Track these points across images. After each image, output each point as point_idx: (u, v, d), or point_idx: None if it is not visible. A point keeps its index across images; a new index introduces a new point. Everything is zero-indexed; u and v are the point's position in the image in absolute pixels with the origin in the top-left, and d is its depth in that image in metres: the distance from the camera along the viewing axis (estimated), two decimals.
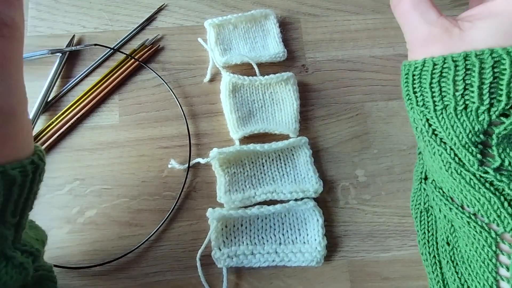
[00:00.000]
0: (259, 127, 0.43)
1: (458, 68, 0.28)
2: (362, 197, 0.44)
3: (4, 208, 0.23)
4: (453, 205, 0.32)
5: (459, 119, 0.29)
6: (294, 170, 0.43)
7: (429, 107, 0.30)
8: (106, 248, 0.40)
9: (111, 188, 0.42)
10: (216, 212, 0.40)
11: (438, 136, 0.31)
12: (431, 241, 0.37)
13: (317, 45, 0.49)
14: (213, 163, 0.43)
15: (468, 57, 0.28)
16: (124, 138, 0.44)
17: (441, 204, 0.33)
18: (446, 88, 0.29)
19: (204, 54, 0.47)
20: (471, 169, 0.29)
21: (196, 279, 0.39)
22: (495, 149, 0.29)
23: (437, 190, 0.33)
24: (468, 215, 0.31)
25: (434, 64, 0.29)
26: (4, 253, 0.25)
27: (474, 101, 0.28)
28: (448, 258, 0.35)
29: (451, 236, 0.35)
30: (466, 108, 0.29)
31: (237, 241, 0.40)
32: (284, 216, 0.41)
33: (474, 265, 0.31)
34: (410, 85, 0.31)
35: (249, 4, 0.50)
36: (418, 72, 0.30)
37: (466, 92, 0.28)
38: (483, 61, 0.27)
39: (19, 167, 0.24)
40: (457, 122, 0.29)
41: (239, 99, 0.45)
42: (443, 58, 0.28)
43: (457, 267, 0.34)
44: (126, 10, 0.49)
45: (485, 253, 0.30)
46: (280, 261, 0.39)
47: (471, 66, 0.28)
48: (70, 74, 0.46)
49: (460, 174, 0.30)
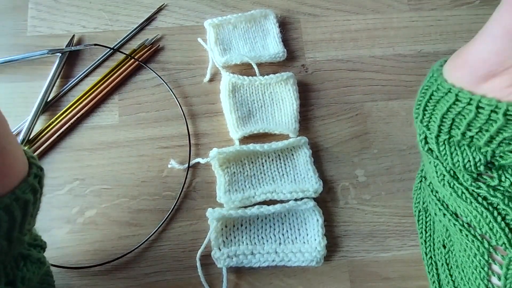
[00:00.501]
0: (259, 127, 0.43)
1: (481, 116, 0.26)
2: (362, 197, 0.44)
3: (23, 223, 0.24)
4: (447, 212, 0.32)
5: (461, 150, 0.28)
6: (294, 170, 0.43)
7: (432, 132, 0.29)
8: (106, 248, 0.40)
9: (111, 188, 0.42)
10: (216, 212, 0.40)
11: (435, 153, 0.30)
12: (428, 242, 0.37)
13: (317, 45, 0.49)
14: (213, 163, 0.43)
15: (498, 109, 0.25)
16: (124, 138, 0.44)
17: (436, 209, 0.33)
18: (458, 125, 0.27)
19: (204, 54, 0.47)
20: (464, 184, 0.29)
21: (196, 279, 0.39)
22: (495, 172, 0.28)
23: (433, 194, 0.33)
24: (461, 223, 0.31)
25: (457, 100, 0.26)
26: (21, 253, 0.26)
27: (481, 144, 0.27)
28: (443, 260, 0.35)
29: (447, 240, 0.35)
30: (470, 144, 0.28)
31: (237, 241, 0.40)
32: (284, 216, 0.41)
33: (467, 270, 0.31)
34: (424, 101, 0.29)
35: (249, 4, 0.50)
36: (439, 94, 0.28)
37: (477, 136, 0.27)
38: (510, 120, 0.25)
39: (28, 187, 0.24)
40: (457, 150, 0.28)
41: (239, 99, 0.45)
42: (469, 98, 0.26)
43: (451, 270, 0.34)
44: (126, 10, 0.49)
45: (477, 261, 0.30)
46: (280, 261, 0.39)
47: (496, 120, 0.25)
48: (70, 74, 0.46)
49: (452, 187, 0.30)
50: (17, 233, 0.24)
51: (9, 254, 0.25)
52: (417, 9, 0.51)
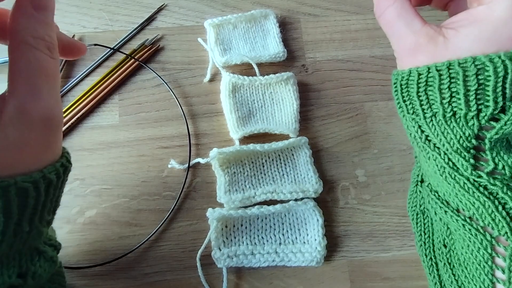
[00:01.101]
0: (259, 127, 0.43)
1: (443, 77, 0.28)
2: (362, 197, 0.44)
3: (43, 208, 0.26)
4: (448, 209, 0.32)
5: (448, 125, 0.29)
6: (294, 170, 0.43)
7: (419, 115, 0.31)
8: (106, 248, 0.40)
9: (111, 188, 0.42)
10: (216, 212, 0.40)
11: (432, 142, 0.31)
12: (427, 243, 0.37)
13: (317, 45, 0.49)
14: (213, 163, 0.43)
15: (452, 66, 0.28)
16: (124, 138, 0.44)
17: (437, 208, 0.33)
18: (433, 97, 0.29)
19: (204, 54, 0.47)
20: (465, 173, 0.29)
21: (196, 279, 0.39)
22: (489, 153, 0.29)
23: (432, 193, 0.34)
24: (463, 218, 0.31)
25: (419, 74, 0.29)
26: (37, 248, 0.27)
27: (461, 108, 0.28)
28: (445, 260, 0.35)
29: (448, 239, 0.35)
30: (455, 114, 0.29)
31: (237, 241, 0.40)
32: (284, 216, 0.41)
33: (471, 267, 0.31)
34: (399, 94, 0.32)
35: (249, 4, 0.50)
36: (405, 81, 0.31)
37: (453, 100, 0.29)
38: (466, 69, 0.27)
39: (54, 170, 0.26)
40: (447, 129, 0.30)
41: (239, 99, 0.45)
42: (427, 68, 0.29)
43: (454, 269, 0.34)
44: (126, 10, 0.49)
45: (481, 255, 0.30)
46: (280, 261, 0.39)
47: (455, 75, 0.28)
48: (70, 74, 0.46)
49: (454, 179, 0.30)
50: (37, 219, 0.26)
51: (26, 243, 0.26)
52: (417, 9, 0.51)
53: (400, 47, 0.31)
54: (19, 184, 0.23)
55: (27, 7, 0.25)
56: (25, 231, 0.25)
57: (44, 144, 0.25)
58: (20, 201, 0.24)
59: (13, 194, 0.23)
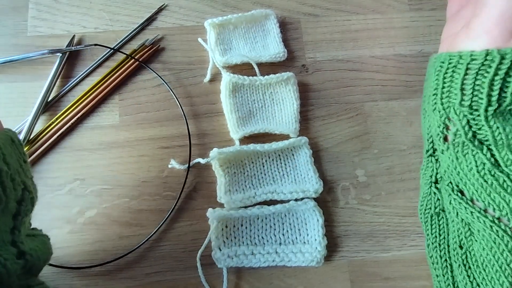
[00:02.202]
0: (259, 127, 0.43)
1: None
2: (362, 197, 0.44)
3: None
4: (474, 209, 0.31)
5: (507, 119, 0.28)
6: (294, 170, 0.43)
7: (476, 108, 0.28)
8: (106, 248, 0.40)
9: (112, 188, 0.42)
10: (216, 212, 0.40)
11: (477, 138, 0.30)
12: (442, 245, 0.37)
13: (317, 45, 0.49)
14: (213, 163, 0.43)
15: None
16: (124, 138, 0.44)
17: (460, 208, 0.33)
18: (504, 87, 0.27)
19: (204, 54, 0.47)
20: (505, 170, 0.29)
21: (196, 279, 0.39)
22: None
23: (455, 193, 0.33)
24: (491, 218, 0.30)
25: (502, 57, 0.27)
26: (15, 241, 0.27)
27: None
28: (460, 261, 0.34)
29: (466, 240, 0.34)
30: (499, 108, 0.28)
31: (237, 241, 0.40)
32: (284, 216, 0.41)
33: (489, 269, 0.31)
34: (458, 80, 0.29)
35: (249, 4, 0.50)
36: (476, 65, 0.28)
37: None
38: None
39: None
40: (504, 122, 0.28)
41: (239, 99, 0.45)
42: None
43: (469, 270, 0.34)
44: (126, 10, 0.49)
45: (504, 258, 0.30)
46: (280, 261, 0.39)
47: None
48: (70, 74, 0.46)
49: (493, 176, 0.29)
50: None
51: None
52: (417, 9, 0.51)
53: (480, 24, 0.28)
54: None
55: None
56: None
57: None
58: None
59: None
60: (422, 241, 0.42)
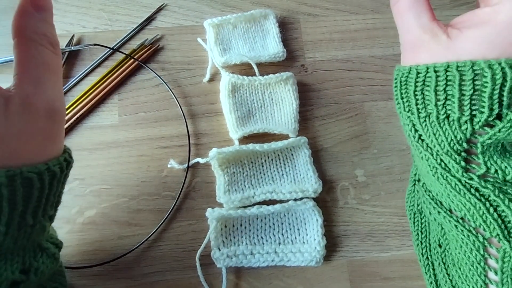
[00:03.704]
0: (258, 127, 0.43)
1: (439, 78, 0.28)
2: (361, 197, 0.44)
3: (47, 201, 0.26)
4: (441, 209, 0.32)
5: (441, 127, 0.29)
6: (294, 170, 0.43)
7: (414, 114, 0.31)
8: (106, 248, 0.40)
9: (111, 188, 0.42)
10: (215, 212, 0.40)
11: (424, 142, 0.31)
12: (424, 243, 0.37)
13: (317, 45, 0.49)
14: (212, 163, 0.43)
15: (450, 68, 0.27)
16: (124, 138, 0.44)
17: (431, 208, 0.33)
18: (429, 97, 0.29)
19: (204, 54, 0.47)
20: (457, 175, 0.29)
21: (195, 279, 0.39)
22: (481, 157, 0.29)
23: (427, 193, 0.34)
24: (456, 219, 0.31)
25: (417, 72, 0.29)
26: (40, 244, 0.28)
27: (455, 112, 0.28)
28: (439, 260, 0.35)
29: (442, 239, 0.35)
30: (448, 117, 0.29)
31: (236, 241, 0.40)
32: (284, 216, 0.41)
33: (464, 268, 0.31)
34: (398, 90, 0.32)
35: (248, 4, 0.50)
36: (404, 78, 0.31)
37: (447, 103, 0.28)
38: (463, 73, 0.27)
39: (58, 163, 0.27)
40: (439, 130, 0.29)
41: (238, 99, 0.45)
42: (426, 67, 0.28)
43: (448, 269, 0.34)
44: (126, 10, 0.49)
45: (474, 256, 0.30)
46: (280, 261, 0.39)
47: (452, 78, 0.27)
48: (70, 74, 0.46)
49: (446, 180, 0.30)
50: (41, 213, 0.26)
51: (30, 238, 0.26)
52: None
53: (405, 40, 0.31)
54: (24, 174, 0.24)
55: (29, 8, 0.28)
56: (29, 224, 0.25)
57: (48, 136, 0.26)
58: (25, 192, 0.24)
59: (19, 184, 0.24)
60: None
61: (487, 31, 0.26)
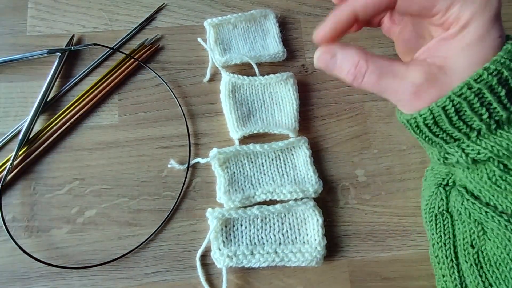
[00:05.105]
0: (258, 127, 0.43)
1: (470, 98, 0.28)
2: (362, 197, 0.43)
3: None
4: (489, 209, 0.32)
5: (497, 135, 0.29)
6: (294, 170, 0.43)
7: (462, 139, 0.30)
8: (106, 248, 0.40)
9: (111, 188, 0.42)
10: (215, 212, 0.40)
11: (481, 157, 0.31)
12: (448, 244, 0.37)
13: (317, 45, 0.49)
14: (212, 163, 0.42)
15: (470, 85, 0.28)
16: (124, 138, 0.44)
17: (474, 208, 0.33)
18: (470, 118, 0.29)
19: (204, 54, 0.47)
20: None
21: (195, 279, 0.39)
22: None
23: (469, 195, 0.34)
24: (506, 218, 0.31)
25: (444, 107, 0.29)
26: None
27: (501, 114, 0.28)
28: (471, 261, 0.35)
29: (478, 239, 0.35)
30: (498, 123, 0.29)
31: (236, 241, 0.40)
32: (284, 216, 0.41)
33: (503, 268, 0.31)
34: (429, 132, 0.31)
35: (248, 4, 0.50)
36: (430, 119, 0.30)
37: (492, 111, 0.28)
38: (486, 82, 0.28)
39: None
40: (496, 138, 0.29)
41: (238, 99, 0.45)
42: (447, 99, 0.28)
43: (481, 270, 0.34)
44: (126, 10, 0.49)
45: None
46: (280, 261, 0.39)
47: (479, 91, 0.28)
48: (70, 73, 0.46)
49: (505, 181, 0.30)
50: None
51: None
52: None
53: (400, 97, 0.30)
54: None
55: None
56: None
57: None
58: None
59: None
60: (422, 241, 0.42)
61: (467, 53, 0.28)
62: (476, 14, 0.27)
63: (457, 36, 0.28)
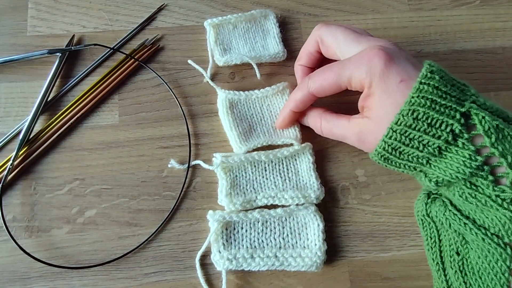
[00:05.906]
0: (261, 141, 0.43)
1: (409, 123, 0.32)
2: (362, 197, 0.44)
3: None
4: (468, 221, 0.33)
5: (446, 157, 0.31)
6: (296, 176, 0.43)
7: (419, 167, 0.34)
8: (106, 248, 0.40)
9: (111, 188, 0.42)
10: (216, 215, 0.40)
11: (444, 180, 0.32)
12: (434, 248, 0.38)
13: None
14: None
15: (412, 107, 0.31)
16: (124, 138, 0.44)
17: (454, 219, 0.34)
18: (412, 152, 0.33)
19: (204, 54, 0.47)
20: (486, 191, 0.30)
21: (195, 279, 0.39)
22: (502, 159, 0.29)
23: (451, 206, 0.35)
24: (484, 232, 0.31)
25: (384, 149, 0.34)
26: None
27: (433, 142, 0.31)
28: (456, 267, 0.35)
29: (462, 247, 0.35)
30: (448, 142, 0.31)
31: (237, 244, 0.40)
32: (285, 220, 0.41)
33: (485, 277, 0.31)
34: (390, 165, 0.36)
35: (249, 4, 0.50)
36: (382, 159, 0.36)
37: (424, 142, 0.32)
38: (421, 106, 0.32)
39: None
40: (450, 160, 0.31)
41: (237, 114, 0.45)
42: (390, 130, 0.33)
43: (466, 277, 0.34)
44: (126, 10, 0.49)
45: (499, 267, 0.30)
46: (280, 265, 0.39)
47: (419, 115, 0.31)
48: (70, 74, 0.46)
49: (475, 198, 0.30)
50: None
51: None
52: (417, 9, 0.51)
53: (353, 143, 0.38)
54: None
55: None
56: None
57: None
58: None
59: None
60: (422, 241, 0.42)
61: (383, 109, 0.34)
62: (369, 74, 0.33)
63: (369, 93, 0.34)
